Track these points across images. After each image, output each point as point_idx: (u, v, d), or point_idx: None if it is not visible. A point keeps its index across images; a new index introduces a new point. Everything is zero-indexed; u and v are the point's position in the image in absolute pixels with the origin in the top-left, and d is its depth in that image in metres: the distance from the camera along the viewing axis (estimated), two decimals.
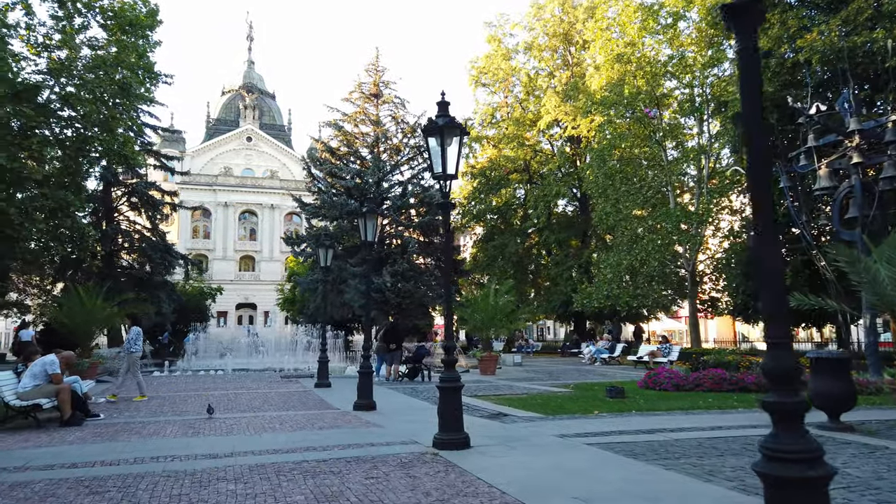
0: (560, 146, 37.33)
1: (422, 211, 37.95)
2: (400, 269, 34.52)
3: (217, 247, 66.33)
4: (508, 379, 17.52)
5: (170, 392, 13.96)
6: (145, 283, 32.94)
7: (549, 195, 35.17)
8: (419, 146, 39.37)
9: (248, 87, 73.72)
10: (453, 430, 6.62)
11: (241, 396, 12.92)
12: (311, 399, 12.40)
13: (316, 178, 38.11)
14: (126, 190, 33.71)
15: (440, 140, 6.79)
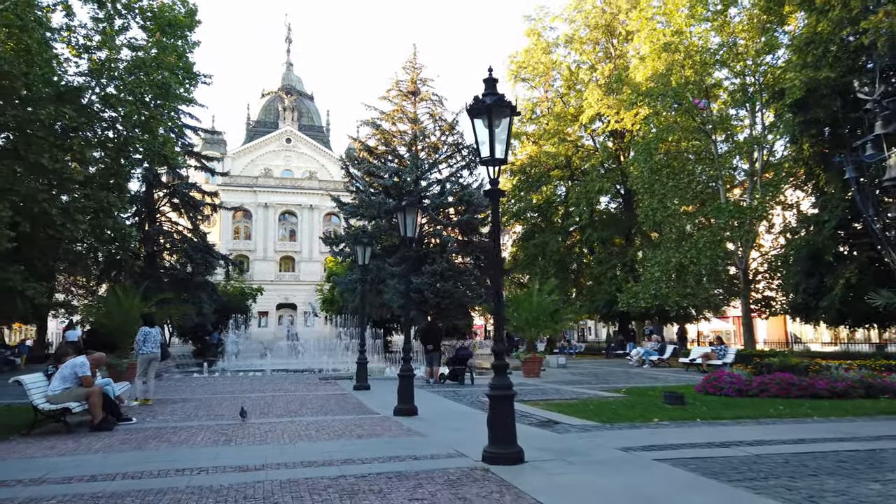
0: (602, 141, 36.19)
1: (460, 209, 37.34)
2: (439, 268, 33.95)
3: (258, 247, 66.94)
4: (554, 382, 16.72)
5: (206, 394, 13.61)
6: (186, 284, 33.11)
7: (591, 192, 34.11)
8: (457, 143, 38.76)
9: (287, 88, 74.26)
10: (505, 443, 5.93)
11: (279, 399, 12.46)
12: (349, 403, 11.86)
13: (354, 177, 37.83)
14: (167, 191, 33.96)
15: (488, 121, 6.11)
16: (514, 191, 38.51)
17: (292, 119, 71.97)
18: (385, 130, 38.28)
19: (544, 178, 37.10)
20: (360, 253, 14.64)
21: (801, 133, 21.43)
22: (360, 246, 14.64)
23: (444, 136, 38.83)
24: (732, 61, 26.07)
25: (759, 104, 26.68)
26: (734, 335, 54.71)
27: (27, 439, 7.99)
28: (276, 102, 73.37)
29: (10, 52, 19.42)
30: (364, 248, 14.56)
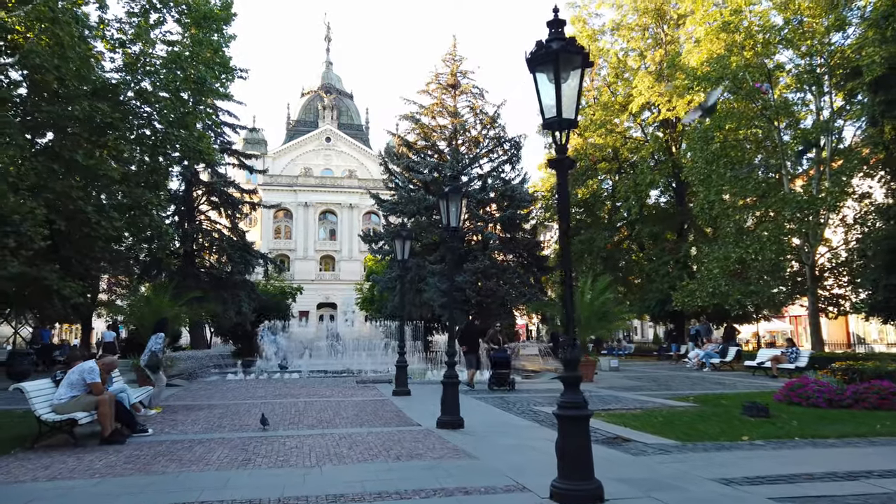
0: (652, 132, 34.37)
1: (503, 205, 36.04)
2: (481, 266, 32.72)
3: (298, 247, 66.86)
4: (610, 387, 15.33)
5: (236, 399, 12.71)
6: (225, 283, 32.71)
7: (641, 185, 32.38)
8: (499, 137, 37.44)
9: (327, 87, 74.07)
10: (579, 477, 4.70)
11: (311, 406, 11.46)
12: (387, 411, 10.76)
13: (393, 173, 36.89)
14: (205, 189, 33.63)
15: (553, 73, 4.88)
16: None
17: (332, 118, 71.71)
18: (424, 125, 37.24)
19: (590, 171, 35.48)
20: (399, 248, 13.55)
21: (882, 114, 19.46)
22: (400, 240, 13.54)
23: (485, 130, 37.57)
24: (799, 40, 24.08)
25: (827, 86, 24.65)
26: (792, 335, 51.98)
27: (28, 454, 7.12)
28: (316, 101, 73.24)
29: (42, 47, 19.04)
30: (403, 243, 13.46)
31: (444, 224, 9.23)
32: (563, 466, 4.71)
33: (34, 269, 20.59)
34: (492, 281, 33.00)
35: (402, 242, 13.53)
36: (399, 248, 13.57)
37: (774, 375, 18.05)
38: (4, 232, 18.42)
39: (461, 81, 38.18)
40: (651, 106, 33.00)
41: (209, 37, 24.29)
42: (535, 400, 12.41)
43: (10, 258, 18.10)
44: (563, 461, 4.72)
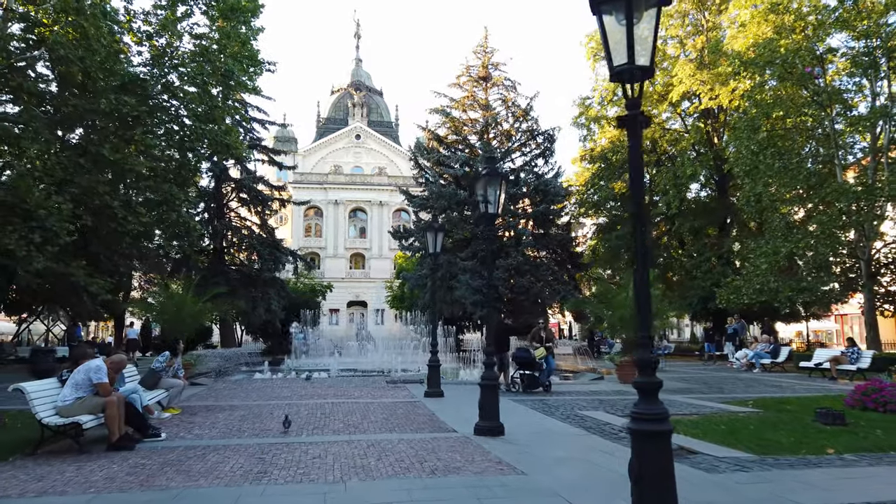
0: (693, 122, 32.95)
1: (536, 200, 35.02)
2: (514, 262, 31.78)
3: (328, 245, 66.69)
4: (665, 389, 14.25)
5: (260, 400, 12.05)
6: (254, 280, 32.36)
7: (681, 177, 31.01)
8: (531, 130, 36.43)
9: (356, 85, 73.76)
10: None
11: (339, 408, 10.72)
12: (419, 415, 9.95)
13: (423, 168, 36.15)
14: (235, 185, 33.32)
15: (625, 10, 3.99)
16: (594, 179, 35.84)
17: (361, 115, 71.37)
18: (455, 118, 36.43)
19: (627, 164, 34.15)
20: (430, 241, 12.75)
21: None
22: (432, 233, 12.74)
23: (517, 123, 36.60)
24: (854, 20, 22.59)
25: (884, 70, 23.10)
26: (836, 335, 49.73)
27: (27, 461, 6.49)
28: (346, 99, 72.99)
29: (68, 39, 18.72)
30: (435, 235, 12.65)
31: (481, 211, 8.36)
32: (640, 493, 3.82)
33: (61, 265, 20.38)
34: (525, 278, 32.04)
35: (434, 235, 12.73)
36: (431, 241, 12.77)
37: (833, 378, 16.78)
38: (30, 227, 18.15)
39: (492, 73, 37.27)
40: (691, 96, 31.64)
41: (237, 29, 23.81)
42: (579, 404, 11.47)
43: (35, 253, 17.83)
44: (640, 487, 3.82)
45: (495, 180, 8.33)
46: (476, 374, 18.84)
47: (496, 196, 8.37)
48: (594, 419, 9.45)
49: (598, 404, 11.47)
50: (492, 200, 8.35)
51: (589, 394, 13.37)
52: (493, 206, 8.33)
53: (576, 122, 35.98)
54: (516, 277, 31.93)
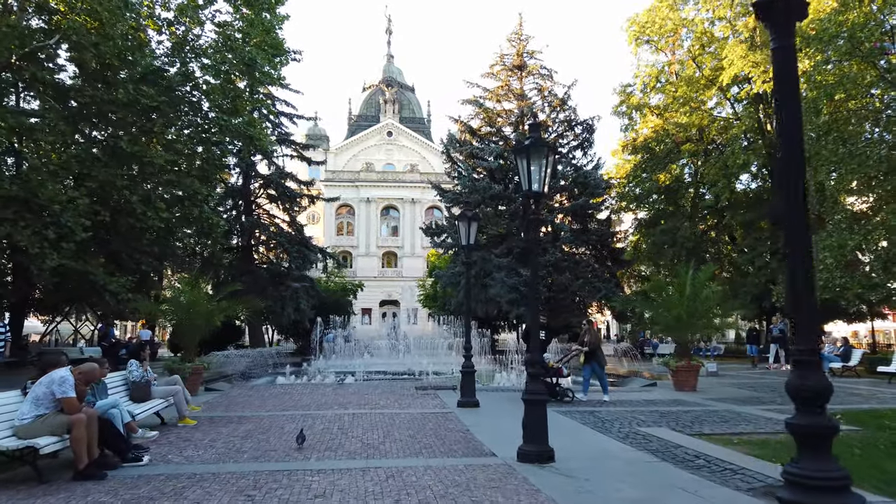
0: (745, 108, 30.79)
1: (574, 193, 33.31)
2: (552, 258, 30.14)
3: (360, 243, 65.83)
4: (719, 398, 12.63)
5: (273, 410, 10.81)
6: (283, 279, 31.45)
7: (732, 167, 28.94)
8: (569, 120, 34.72)
9: (388, 81, 72.80)
10: None
11: (358, 421, 9.40)
12: (451, 430, 8.56)
13: (455, 161, 34.77)
14: (262, 181, 32.45)
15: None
16: (636, 171, 33.89)
17: (393, 112, 70.36)
18: (489, 109, 34.93)
19: (672, 154, 32.19)
20: (462, 231, 11.34)
21: None
22: (464, 222, 11.32)
23: (554, 113, 34.95)
24: None
25: None
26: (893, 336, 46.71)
27: None
28: (377, 95, 72.09)
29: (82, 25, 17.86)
30: (468, 225, 11.23)
31: (525, 189, 6.91)
32: None
33: (79, 263, 19.58)
34: (563, 275, 30.38)
35: (467, 225, 11.30)
36: (463, 231, 11.35)
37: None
38: (44, 223, 17.35)
39: (528, 62, 35.67)
40: (742, 80, 29.56)
41: (261, 17, 22.77)
42: (636, 417, 9.93)
43: (49, 251, 17.00)
44: None
45: (540, 151, 6.87)
46: (514, 378, 17.36)
47: (542, 172, 6.92)
48: (660, 439, 7.91)
49: (658, 417, 9.91)
50: (536, 177, 6.90)
51: (644, 404, 11.79)
52: (537, 184, 6.87)
53: (616, 111, 34.09)
54: (554, 274, 30.31)
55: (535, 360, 6.83)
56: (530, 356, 6.99)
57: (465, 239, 11.37)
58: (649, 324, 22.80)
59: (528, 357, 7.06)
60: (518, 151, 6.98)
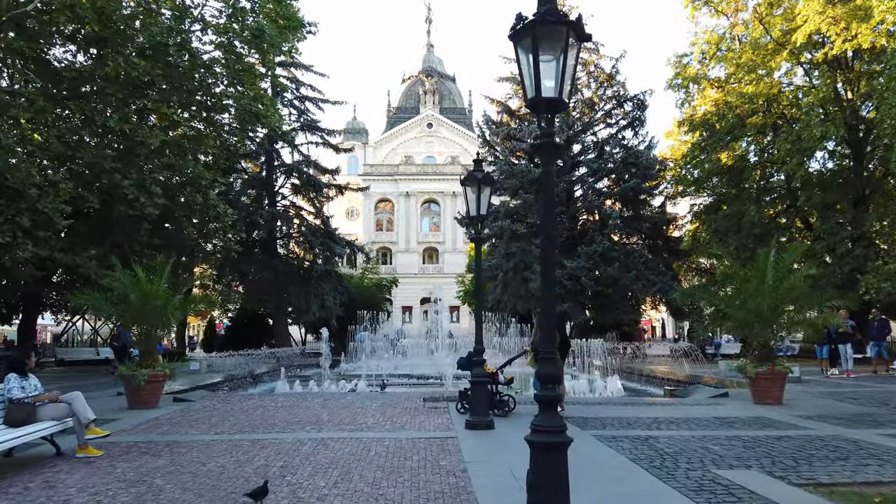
0: (821, 73, 26.89)
1: (624, 177, 30.12)
2: (599, 248, 27.05)
3: (399, 239, 63.71)
4: (817, 416, 9.59)
5: (225, 431, 8.41)
6: (307, 274, 29.38)
7: (809, 141, 25.18)
8: (617, 96, 31.49)
9: (428, 71, 70.44)
10: None
11: (321, 452, 6.93)
12: (439, 475, 5.92)
13: (492, 145, 32.02)
14: (284, 169, 30.44)
15: None
16: (694, 151, 30.31)
17: (433, 103, 67.99)
18: None
19: (735, 130, 28.50)
20: (471, 198, 8.67)
21: None
22: (473, 186, 8.65)
23: (600, 90, 31.79)
24: None
25: None
26: None
27: None
28: (417, 86, 69.84)
29: None
30: (478, 189, 8.57)
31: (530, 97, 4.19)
32: None
33: (68, 256, 17.80)
34: (612, 266, 27.23)
35: (477, 189, 8.64)
36: (472, 198, 8.70)
37: None
38: (17, 209, 15.52)
39: None
40: (817, 44, 25.83)
41: None
42: (710, 449, 7.05)
43: (23, 240, 15.15)
44: None
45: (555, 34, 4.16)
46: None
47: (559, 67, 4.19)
48: (755, 495, 5.07)
49: (741, 449, 7.02)
50: (550, 76, 4.19)
51: (717, 424, 8.87)
52: (552, 85, 4.14)
53: (671, 85, 30.51)
54: (602, 266, 27.25)
55: (546, 376, 4.09)
56: (541, 368, 4.27)
57: (475, 207, 8.71)
58: (714, 320, 19.46)
59: (540, 369, 4.33)
60: (519, 36, 4.26)
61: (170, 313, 10.20)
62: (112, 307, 10.52)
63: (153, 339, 10.60)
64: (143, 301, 10.11)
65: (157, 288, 10.30)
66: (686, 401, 12.17)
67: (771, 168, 30.57)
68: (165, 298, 10.21)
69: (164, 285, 10.54)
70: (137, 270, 10.48)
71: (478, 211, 8.66)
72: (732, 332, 22.40)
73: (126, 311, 10.56)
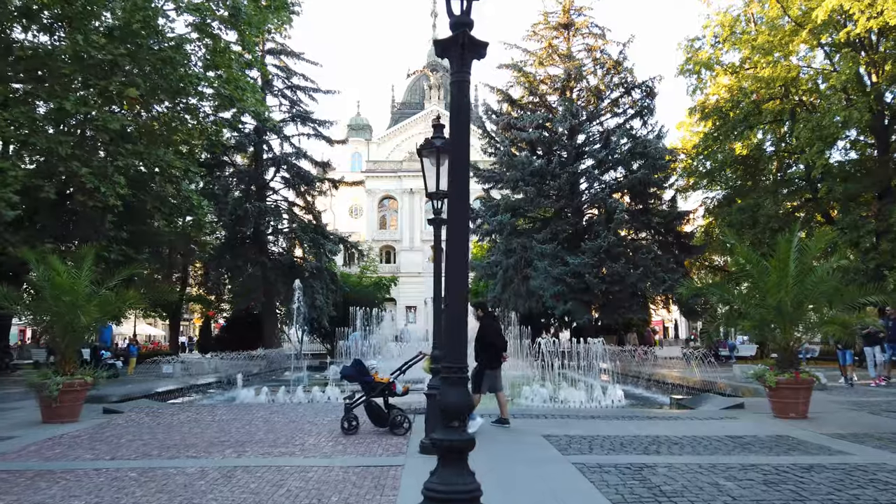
0: (843, 55, 25.00)
1: (632, 168, 28.41)
2: (604, 244, 25.34)
3: (403, 237, 62.24)
4: (852, 434, 7.99)
5: (127, 456, 6.93)
6: (296, 271, 27.94)
7: (829, 129, 23.41)
8: (625, 83, 29.80)
9: (433, 66, 68.80)
10: None
11: (216, 490, 5.35)
12: None
13: (491, 135, 30.42)
14: (272, 160, 29.01)
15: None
16: (707, 141, 28.56)
17: (438, 98, 66.34)
18: (530, 75, 30.35)
19: (751, 117, 26.71)
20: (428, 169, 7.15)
21: None
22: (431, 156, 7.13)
23: (607, 77, 30.06)
24: None
25: None
26: None
27: None
28: (422, 82, 68.33)
29: None
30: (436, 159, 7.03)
31: None
32: None
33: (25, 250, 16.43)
34: (619, 263, 25.51)
35: (436, 158, 7.09)
36: (431, 169, 7.17)
37: None
38: None
39: (575, 19, 30.84)
40: (838, 24, 24.03)
41: None
42: (721, 486, 5.46)
43: None
44: None
45: None
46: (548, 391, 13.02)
47: None
48: None
49: (762, 488, 5.41)
50: None
51: (729, 447, 7.26)
52: None
53: (682, 71, 28.77)
54: (608, 262, 25.55)
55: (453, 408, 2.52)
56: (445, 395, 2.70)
57: (433, 183, 7.15)
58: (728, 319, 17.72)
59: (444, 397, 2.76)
60: None
61: (82, 311, 8.72)
62: (29, 304, 9.04)
63: (73, 340, 9.11)
64: (56, 296, 8.67)
65: (73, 282, 8.84)
66: (695, 413, 10.52)
67: (789, 158, 28.81)
68: (76, 293, 8.73)
69: (86, 279, 9.06)
70: (52, 261, 9.01)
71: (437, 186, 7.10)
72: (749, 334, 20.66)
73: (37, 308, 9.10)
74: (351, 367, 8.24)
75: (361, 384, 8.07)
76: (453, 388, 2.49)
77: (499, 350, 8.62)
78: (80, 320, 8.63)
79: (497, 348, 8.57)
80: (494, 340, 8.55)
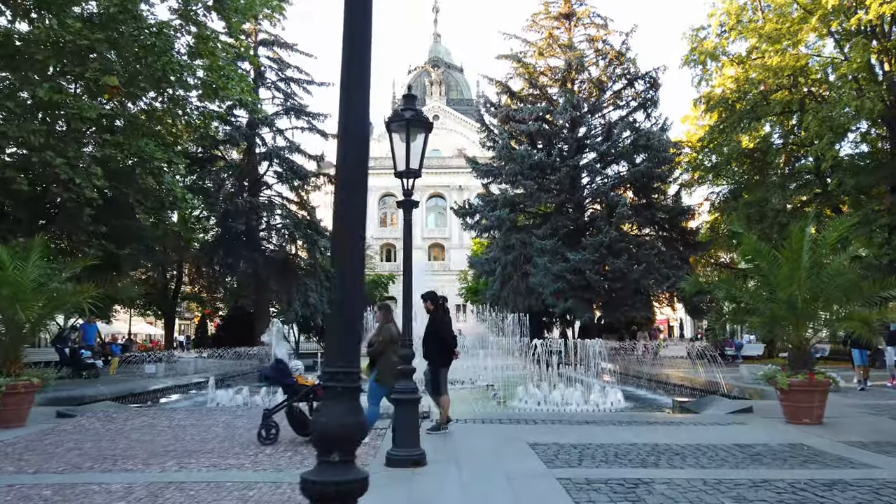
0: (854, 43, 24.04)
1: (635, 161, 27.54)
2: (605, 239, 24.51)
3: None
4: (875, 443, 7.17)
5: (64, 468, 6.19)
6: (289, 268, 27.21)
7: (839, 120, 22.48)
8: (628, 74, 28.94)
9: (434, 61, 68.19)
10: None
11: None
12: None
13: (490, 128, 29.61)
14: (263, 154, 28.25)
15: None
16: (713, 133, 27.65)
17: (440, 94, 65.66)
18: (529, 66, 29.51)
19: (758, 108, 25.80)
20: (398, 145, 6.32)
21: None
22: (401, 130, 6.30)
23: (609, 67, 29.21)
24: None
25: None
26: None
27: None
28: (423, 77, 67.59)
29: None
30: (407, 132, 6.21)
31: None
32: None
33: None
34: (621, 259, 24.65)
35: (406, 132, 6.28)
36: (400, 144, 6.35)
37: None
38: None
39: (577, 9, 29.99)
40: (850, 10, 23.08)
41: None
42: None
43: None
44: None
45: None
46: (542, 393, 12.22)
47: None
48: None
49: None
50: None
51: (737, 458, 6.45)
52: None
53: (687, 61, 27.85)
54: (610, 259, 24.70)
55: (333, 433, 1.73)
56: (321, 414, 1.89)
57: (402, 162, 6.35)
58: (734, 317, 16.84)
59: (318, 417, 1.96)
60: None
61: (21, 306, 7.96)
62: None
63: (16, 337, 8.36)
64: (15, 290, 7.90)
65: (18, 274, 8.08)
66: (699, 418, 9.70)
67: (797, 151, 27.84)
68: (18, 286, 7.97)
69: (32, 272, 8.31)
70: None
71: (407, 163, 6.30)
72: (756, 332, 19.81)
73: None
74: (270, 368, 7.47)
75: (283, 387, 7.32)
76: (337, 403, 1.68)
77: (450, 347, 7.90)
78: (19, 315, 7.87)
79: (448, 345, 7.85)
80: (446, 336, 7.82)
